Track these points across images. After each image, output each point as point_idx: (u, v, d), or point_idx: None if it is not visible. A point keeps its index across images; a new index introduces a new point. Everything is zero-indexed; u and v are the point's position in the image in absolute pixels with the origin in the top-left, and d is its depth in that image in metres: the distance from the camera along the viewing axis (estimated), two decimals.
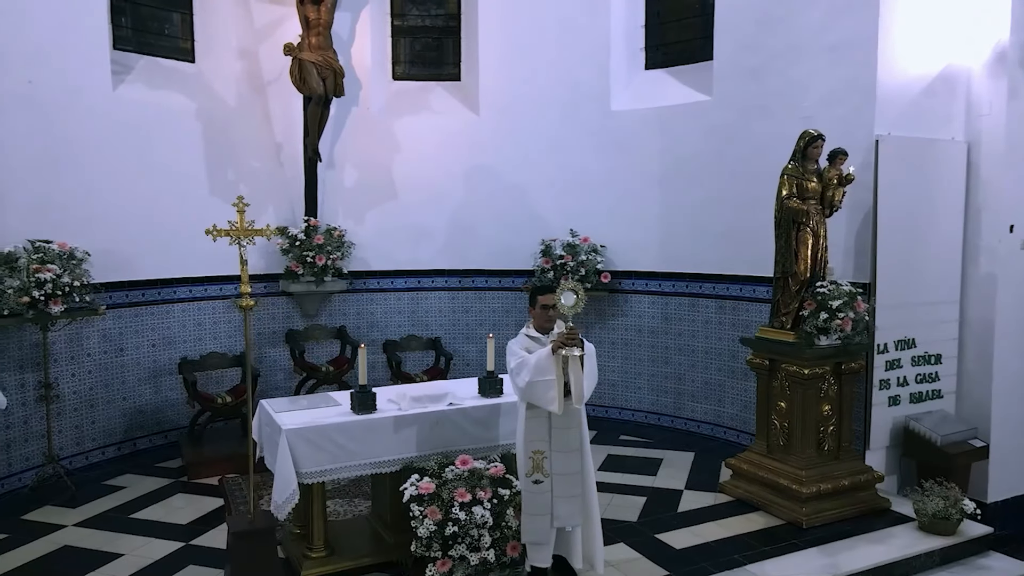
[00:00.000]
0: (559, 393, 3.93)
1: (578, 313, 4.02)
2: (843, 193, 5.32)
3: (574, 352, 3.89)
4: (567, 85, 7.80)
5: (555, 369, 3.91)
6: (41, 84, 5.99)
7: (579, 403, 3.97)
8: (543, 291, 4.24)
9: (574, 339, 3.91)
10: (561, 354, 3.90)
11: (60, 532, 5.08)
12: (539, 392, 3.93)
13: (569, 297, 3.96)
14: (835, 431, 5.35)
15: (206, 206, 7.21)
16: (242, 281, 4.34)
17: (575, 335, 3.92)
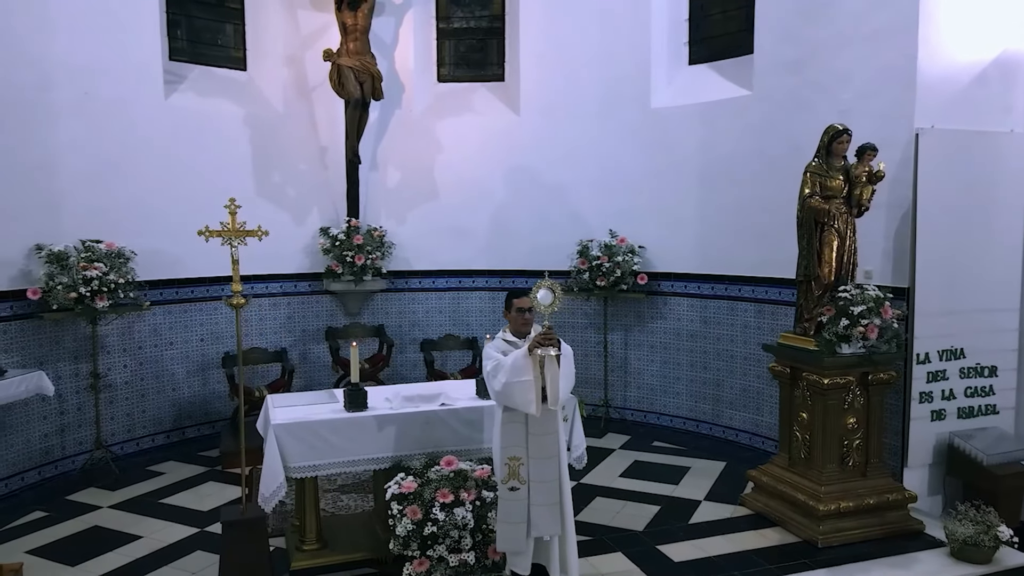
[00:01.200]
0: (537, 395, 3.86)
1: (555, 312, 3.94)
2: (872, 191, 4.97)
3: (550, 352, 3.82)
4: (607, 83, 7.66)
5: (532, 370, 3.85)
6: (96, 95, 6.42)
7: (554, 405, 3.89)
8: (518, 294, 4.20)
9: (550, 339, 3.84)
10: (537, 354, 3.83)
11: (95, 512, 5.44)
12: (516, 394, 3.87)
13: (546, 295, 3.89)
14: (861, 445, 5.01)
15: (253, 207, 7.47)
16: (234, 280, 4.48)
17: (551, 335, 3.85)
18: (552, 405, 3.88)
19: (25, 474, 5.99)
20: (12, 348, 5.87)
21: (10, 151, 5.84)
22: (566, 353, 3.92)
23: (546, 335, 3.83)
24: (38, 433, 6.11)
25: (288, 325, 7.86)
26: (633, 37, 7.51)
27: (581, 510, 5.39)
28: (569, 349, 4.00)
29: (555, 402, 3.86)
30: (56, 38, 6.13)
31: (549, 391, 3.85)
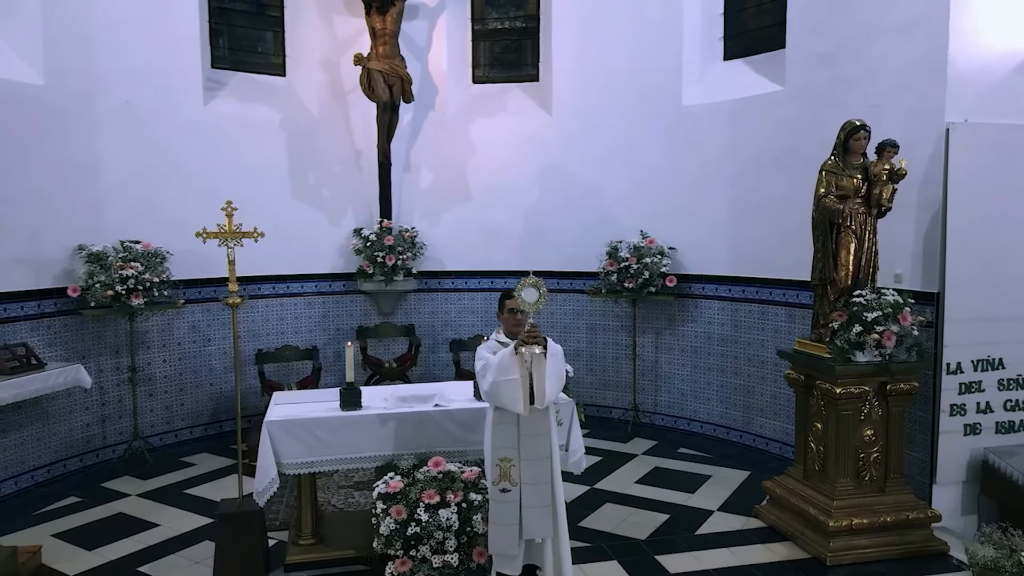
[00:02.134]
0: (524, 394, 3.82)
1: (539, 311, 3.90)
2: (893, 190, 4.69)
3: (535, 350, 3.77)
4: (639, 81, 7.52)
5: (519, 369, 3.82)
6: (138, 102, 6.75)
7: (540, 404, 3.82)
8: (510, 295, 4.17)
9: (535, 337, 3.80)
10: (522, 353, 3.80)
11: (123, 500, 5.72)
12: (504, 393, 3.84)
13: (531, 293, 3.86)
14: (880, 459, 4.73)
15: (290, 209, 7.79)
16: (230, 280, 4.60)
17: (536, 333, 3.80)
18: (538, 404, 3.82)
19: (67, 461, 6.35)
20: (56, 342, 6.24)
21: (57, 157, 6.21)
22: (554, 352, 3.85)
23: (530, 333, 3.79)
24: (80, 423, 6.47)
25: (323, 324, 8.06)
26: (665, 33, 7.35)
27: (587, 516, 5.32)
28: (558, 348, 3.93)
29: (541, 401, 3.80)
30: (101, 50, 6.47)
31: (536, 390, 3.79)
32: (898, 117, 5.32)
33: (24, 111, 5.94)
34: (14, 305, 5.89)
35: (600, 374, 8.03)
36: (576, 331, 8.11)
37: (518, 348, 3.79)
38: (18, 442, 5.94)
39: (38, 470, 6.09)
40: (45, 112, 6.09)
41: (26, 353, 5.79)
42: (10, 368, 5.56)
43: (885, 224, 5.26)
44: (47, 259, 6.15)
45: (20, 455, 5.95)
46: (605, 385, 8.00)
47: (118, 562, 4.64)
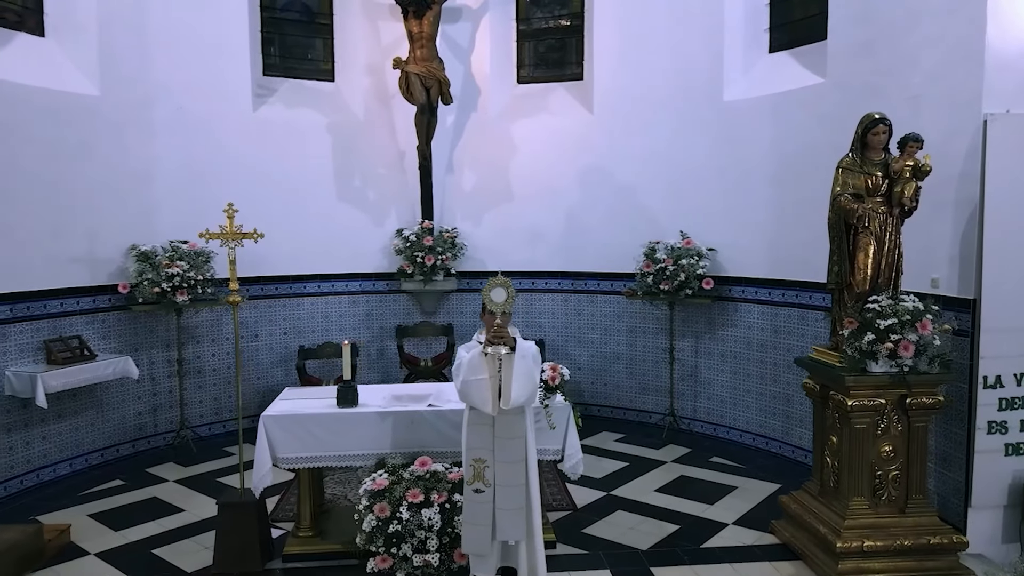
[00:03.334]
0: (493, 394, 3.81)
1: (508, 312, 3.87)
2: (916, 188, 4.34)
3: (500, 350, 3.75)
4: (680, 77, 7.31)
5: (488, 369, 3.81)
6: (190, 110, 7.14)
7: (506, 405, 3.79)
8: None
9: (500, 336, 3.78)
10: (487, 352, 3.79)
11: (161, 485, 6.07)
12: (473, 392, 3.84)
13: (499, 293, 3.85)
14: (900, 477, 4.40)
15: (335, 210, 8.04)
16: (231, 279, 4.76)
17: (502, 333, 3.78)
18: (503, 405, 3.79)
19: (120, 446, 6.80)
20: (110, 335, 6.69)
21: (113, 163, 6.65)
22: (523, 353, 3.80)
23: (497, 333, 3.77)
24: (133, 411, 6.91)
25: (367, 322, 8.26)
26: (706, 26, 7.11)
27: (594, 522, 5.21)
28: (529, 349, 3.87)
29: (507, 402, 3.77)
30: (153, 62, 6.89)
31: (503, 390, 3.77)
32: (937, 109, 4.94)
33: (81, 120, 6.39)
34: (70, 300, 6.35)
35: (640, 378, 7.84)
36: (616, 333, 7.96)
37: (486, 348, 3.78)
38: (73, 427, 6.40)
39: (92, 453, 6.55)
40: (101, 121, 6.54)
41: (79, 345, 6.25)
42: (63, 359, 6.02)
43: (922, 225, 4.91)
44: (102, 258, 6.60)
45: (75, 439, 6.42)
46: (645, 389, 7.81)
47: (136, 544, 4.93)
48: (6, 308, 5.82)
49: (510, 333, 4.05)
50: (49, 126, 6.16)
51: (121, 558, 4.72)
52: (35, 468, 6.08)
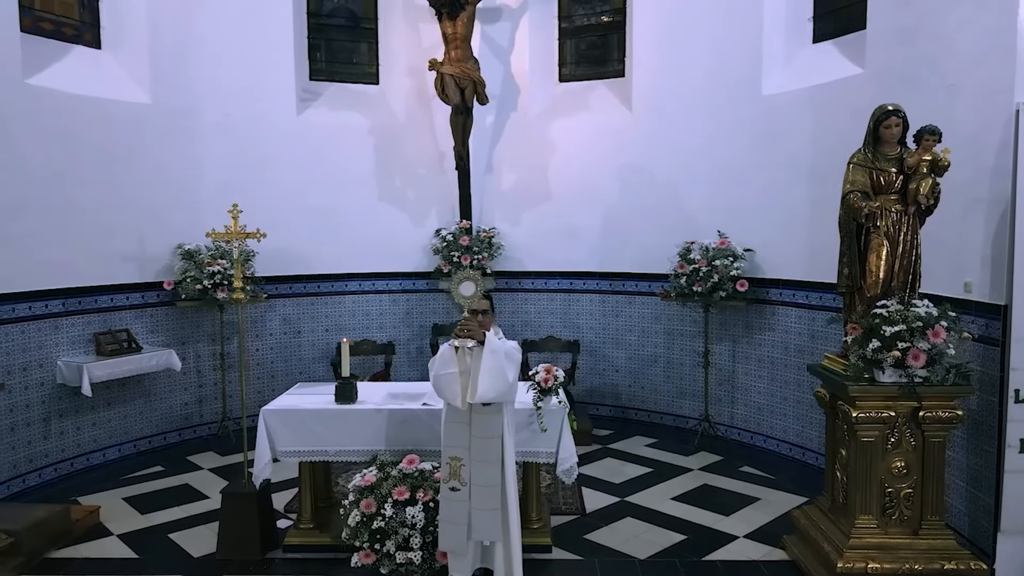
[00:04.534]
0: (463, 388, 3.82)
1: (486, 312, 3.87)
2: (931, 184, 4.02)
3: (467, 343, 3.76)
4: (718, 70, 7.07)
5: (459, 363, 3.82)
6: (235, 115, 7.46)
7: (472, 399, 3.78)
8: None
9: (469, 330, 3.77)
10: (454, 345, 3.81)
11: (195, 472, 6.38)
12: (444, 386, 3.88)
13: (468, 287, 3.88)
14: (913, 496, 4.09)
15: (375, 211, 8.22)
16: (236, 277, 4.93)
17: (470, 326, 3.78)
18: (469, 399, 3.78)
19: (167, 434, 7.19)
20: (158, 329, 7.08)
21: (162, 166, 7.03)
22: (494, 348, 3.78)
23: (464, 326, 3.78)
24: (179, 402, 7.29)
25: (406, 320, 8.39)
26: (747, 18, 6.85)
27: (599, 528, 5.11)
28: (503, 346, 3.84)
29: (472, 396, 3.76)
30: (201, 70, 7.23)
31: (470, 385, 3.77)
32: (971, 99, 4.57)
33: (133, 127, 6.79)
34: (120, 296, 6.76)
35: (677, 382, 7.63)
36: (654, 336, 7.77)
37: (453, 341, 3.80)
38: (122, 415, 6.82)
39: (140, 440, 6.96)
40: (151, 127, 6.92)
41: (128, 338, 6.65)
42: (110, 350, 6.42)
43: (954, 224, 4.59)
44: (150, 256, 6.99)
45: (124, 426, 6.83)
46: (682, 393, 7.59)
47: (156, 527, 5.20)
48: (58, 302, 6.25)
49: (491, 332, 4.05)
50: (102, 133, 6.57)
51: (138, 540, 4.99)
52: (85, 452, 6.50)
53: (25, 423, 6.00)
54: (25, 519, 4.69)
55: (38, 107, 6.05)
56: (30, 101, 5.99)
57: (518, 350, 4.06)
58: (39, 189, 6.06)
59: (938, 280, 4.80)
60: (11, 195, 5.83)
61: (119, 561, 4.70)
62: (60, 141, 6.23)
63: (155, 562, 4.68)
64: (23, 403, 5.97)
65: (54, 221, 6.19)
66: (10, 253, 5.83)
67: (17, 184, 5.89)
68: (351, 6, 8.43)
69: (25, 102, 5.96)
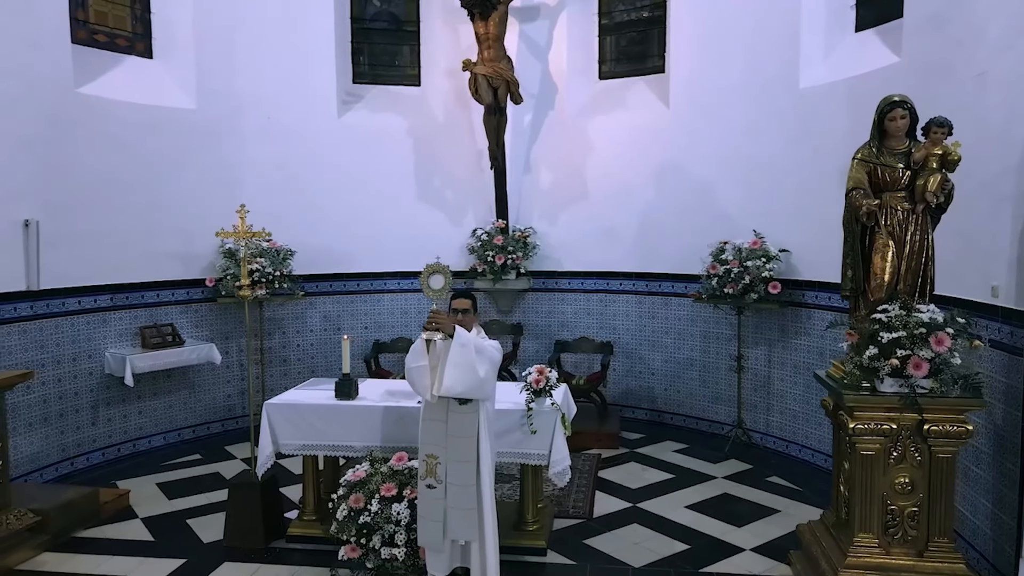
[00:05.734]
0: (431, 381, 3.84)
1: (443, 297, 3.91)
2: (940, 180, 3.73)
3: (435, 337, 3.78)
4: (755, 65, 6.82)
5: (427, 356, 3.85)
6: (277, 119, 7.74)
7: (437, 392, 3.79)
8: (456, 295, 4.19)
9: (437, 322, 3.78)
10: (423, 338, 3.83)
11: (228, 462, 6.67)
12: (415, 379, 3.94)
13: (437, 280, 3.91)
14: (919, 514, 3.81)
15: (415, 210, 8.34)
16: (242, 275, 5.10)
17: (437, 319, 3.80)
18: (435, 391, 3.80)
19: (210, 424, 7.53)
20: (202, 324, 7.43)
21: (207, 169, 7.37)
22: (464, 342, 3.78)
23: (431, 319, 3.80)
24: (223, 394, 7.62)
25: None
26: (785, 8, 6.55)
27: (601, 534, 5.02)
28: (473, 340, 3.83)
29: (439, 389, 3.77)
30: (245, 75, 7.54)
31: (436, 377, 3.79)
32: (1000, 86, 4.22)
33: (179, 131, 7.14)
34: (166, 292, 7.13)
35: (712, 386, 7.39)
36: (690, 339, 7.55)
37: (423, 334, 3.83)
38: (167, 405, 7.19)
39: (184, 429, 7.32)
40: (196, 131, 7.26)
41: (172, 332, 7.00)
42: (153, 343, 6.78)
43: (983, 224, 4.28)
44: (195, 254, 7.34)
45: (169, 416, 7.21)
46: (717, 398, 7.35)
47: (177, 513, 5.46)
48: (107, 297, 6.66)
49: (473, 331, 4.06)
50: (150, 138, 6.94)
51: (158, 524, 5.26)
52: (131, 439, 6.90)
53: (74, 410, 6.42)
54: (53, 499, 5.02)
55: (88, 114, 6.45)
56: (81, 109, 6.40)
57: (498, 349, 4.04)
58: (90, 191, 6.47)
59: (967, 284, 4.48)
60: (63, 197, 6.25)
61: (136, 543, 4.96)
62: (110, 146, 6.62)
63: (168, 545, 4.91)
64: (72, 391, 6.39)
65: (103, 221, 6.59)
66: (62, 251, 6.24)
67: (69, 187, 6.30)
68: (393, 9, 8.58)
69: (76, 110, 6.36)
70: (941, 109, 4.70)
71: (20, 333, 5.95)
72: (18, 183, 5.88)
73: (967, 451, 4.51)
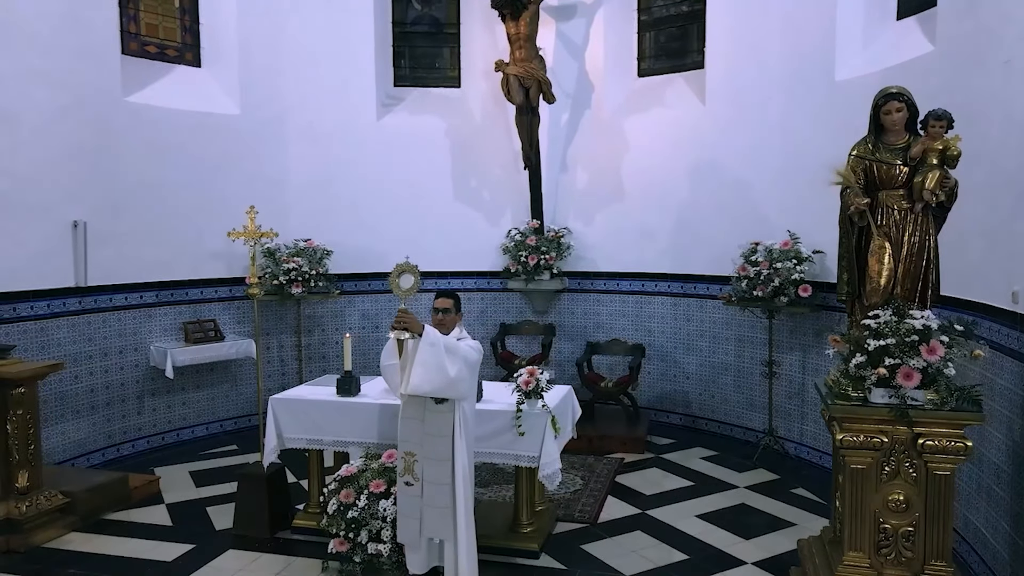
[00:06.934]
0: (402, 379, 3.90)
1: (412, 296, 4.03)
2: (938, 177, 3.48)
3: (402, 336, 3.83)
4: (790, 57, 6.55)
5: (398, 355, 3.93)
6: (319, 122, 7.98)
7: (405, 390, 3.85)
8: (437, 296, 4.23)
9: (402, 321, 3.82)
10: (391, 337, 3.91)
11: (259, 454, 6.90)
12: (388, 377, 4.12)
13: (407, 279, 3.97)
14: (915, 535, 3.56)
15: (452, 210, 8.43)
16: (251, 273, 5.27)
17: (404, 319, 3.84)
18: (402, 390, 3.86)
19: (251, 417, 7.84)
20: (244, 320, 7.75)
21: (250, 172, 7.68)
22: (433, 342, 3.82)
23: (398, 318, 3.85)
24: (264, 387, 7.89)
25: (481, 319, 8.52)
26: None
27: (600, 540, 4.93)
28: (443, 340, 3.86)
29: (405, 387, 3.82)
30: (287, 82, 7.82)
31: (404, 376, 3.85)
32: None
33: (223, 136, 7.48)
34: (209, 289, 7.48)
35: (747, 392, 7.13)
36: (724, 342, 7.32)
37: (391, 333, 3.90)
38: (210, 397, 7.55)
39: (226, 420, 7.66)
40: (240, 136, 7.58)
41: (214, 327, 7.34)
42: (195, 338, 7.13)
43: (1003, 225, 3.96)
44: (238, 253, 7.62)
45: (212, 407, 7.56)
46: (752, 405, 7.09)
47: (200, 500, 5.73)
48: (152, 294, 7.05)
49: (456, 331, 4.09)
50: (197, 143, 7.30)
51: (180, 510, 5.52)
52: (175, 428, 7.27)
53: (120, 399, 6.82)
54: (84, 483, 5.36)
55: (136, 121, 6.84)
56: (129, 116, 6.79)
57: (476, 350, 4.05)
58: (137, 194, 6.86)
59: (993, 288, 4.16)
60: (112, 199, 6.65)
61: (156, 527, 5.23)
62: (157, 151, 7.00)
63: (183, 531, 5.16)
64: (119, 382, 6.80)
65: (150, 222, 6.97)
66: (111, 250, 6.65)
67: (118, 189, 6.70)
68: (434, 13, 8.69)
69: (125, 117, 6.76)
70: (972, 100, 4.45)
71: (69, 327, 6.37)
72: (68, 187, 6.30)
73: (988, 469, 4.19)
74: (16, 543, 4.79)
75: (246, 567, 4.61)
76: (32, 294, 6.09)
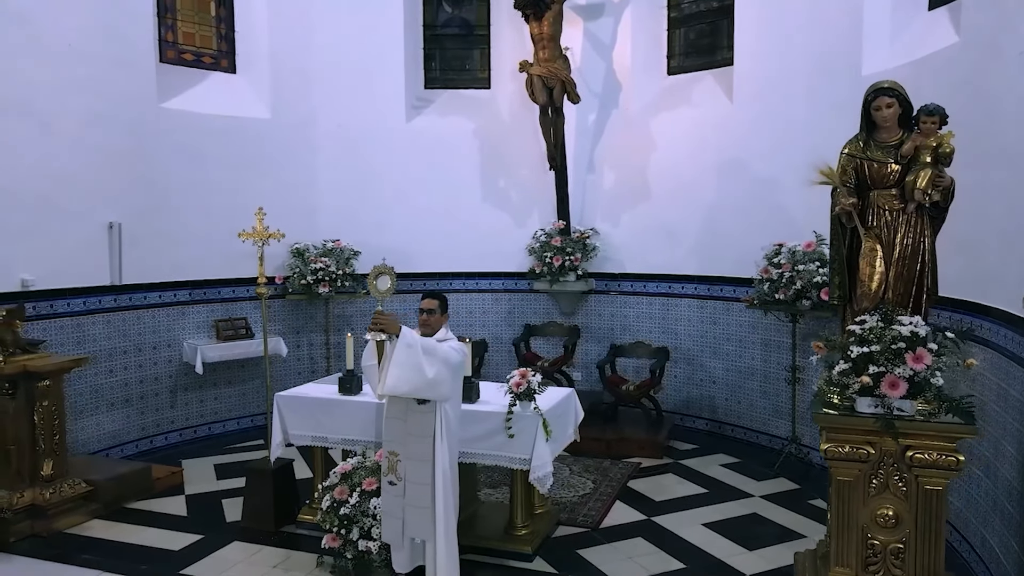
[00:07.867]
0: (382, 381, 3.94)
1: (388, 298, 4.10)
2: (931, 176, 3.30)
3: (379, 337, 3.87)
4: (816, 51, 6.35)
5: (376, 356, 3.97)
6: (348, 126, 8.14)
7: (379, 391, 3.89)
8: (423, 295, 4.25)
9: (379, 323, 3.87)
10: (368, 338, 3.95)
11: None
12: (368, 377, 4.10)
13: (384, 281, 4.02)
14: (905, 552, 3.39)
15: (480, 211, 8.47)
16: (260, 274, 5.41)
17: (380, 320, 3.88)
18: (379, 390, 3.90)
19: None
20: (275, 319, 7.97)
21: (281, 174, 7.89)
22: (410, 342, 3.83)
23: (375, 320, 3.88)
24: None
25: (508, 319, 8.53)
26: None
27: (598, 545, 4.88)
28: (421, 340, 3.88)
29: (382, 388, 3.86)
30: (317, 85, 8.00)
31: (381, 377, 3.88)
32: None
33: (255, 139, 7.71)
34: (241, 288, 7.72)
35: (773, 398, 6.92)
36: (751, 347, 7.12)
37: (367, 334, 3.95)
38: (241, 392, 7.79)
39: (257, 415, 7.88)
40: (271, 139, 7.80)
41: (244, 326, 7.58)
42: (226, 336, 7.37)
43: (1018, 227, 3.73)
44: (270, 253, 7.71)
45: (242, 403, 7.80)
46: (777, 411, 6.87)
47: (217, 492, 5.91)
48: (186, 292, 7.32)
49: (442, 331, 4.11)
50: (230, 146, 7.55)
51: (197, 502, 5.72)
52: (207, 422, 7.54)
53: (154, 393, 7.12)
54: (108, 473, 5.62)
55: (171, 126, 7.12)
56: (164, 122, 7.08)
57: (458, 351, 4.05)
58: (171, 195, 7.14)
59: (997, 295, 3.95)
60: (147, 201, 6.94)
61: (172, 517, 5.43)
62: (190, 154, 7.27)
63: (195, 521, 5.34)
64: (152, 376, 7.09)
65: (184, 223, 7.24)
66: (146, 250, 6.94)
67: (152, 192, 6.99)
68: (464, 15, 8.75)
69: (160, 123, 7.05)
70: (992, 92, 4.20)
71: (104, 323, 6.68)
72: (104, 189, 6.61)
73: (1002, 486, 3.95)
74: (40, 528, 5.05)
75: (247, 559, 4.74)
76: (69, 292, 6.41)
